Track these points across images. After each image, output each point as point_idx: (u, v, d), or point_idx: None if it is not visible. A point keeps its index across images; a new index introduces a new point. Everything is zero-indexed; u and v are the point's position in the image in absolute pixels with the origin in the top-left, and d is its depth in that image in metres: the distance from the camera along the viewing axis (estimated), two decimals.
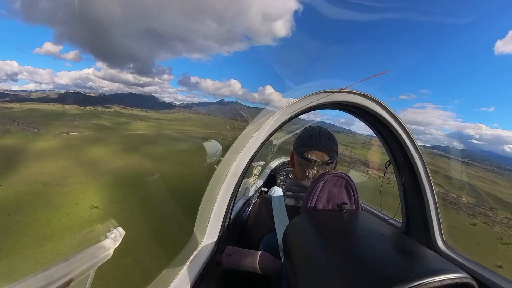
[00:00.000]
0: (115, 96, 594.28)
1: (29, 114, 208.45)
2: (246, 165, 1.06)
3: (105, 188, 57.70)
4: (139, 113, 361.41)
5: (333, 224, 0.90)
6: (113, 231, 0.51)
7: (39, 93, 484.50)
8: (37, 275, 0.35)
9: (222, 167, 1.08)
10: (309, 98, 1.08)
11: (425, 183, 1.29)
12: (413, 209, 1.40)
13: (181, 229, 17.80)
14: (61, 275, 0.38)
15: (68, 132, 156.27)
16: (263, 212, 1.33)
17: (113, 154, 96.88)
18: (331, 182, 1.08)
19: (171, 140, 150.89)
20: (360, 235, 0.78)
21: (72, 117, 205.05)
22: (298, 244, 0.82)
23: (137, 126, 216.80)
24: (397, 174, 1.45)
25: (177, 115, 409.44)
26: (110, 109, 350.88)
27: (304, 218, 0.98)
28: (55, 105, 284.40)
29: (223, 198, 1.02)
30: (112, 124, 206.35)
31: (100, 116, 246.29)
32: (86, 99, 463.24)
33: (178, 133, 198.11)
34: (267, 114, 1.12)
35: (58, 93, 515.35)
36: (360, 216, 0.96)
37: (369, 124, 1.39)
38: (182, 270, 0.81)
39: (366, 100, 1.17)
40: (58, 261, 0.39)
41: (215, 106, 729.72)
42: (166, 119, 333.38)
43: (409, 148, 1.27)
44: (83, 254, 0.43)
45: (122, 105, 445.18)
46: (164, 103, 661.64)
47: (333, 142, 1.28)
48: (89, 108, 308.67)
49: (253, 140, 1.05)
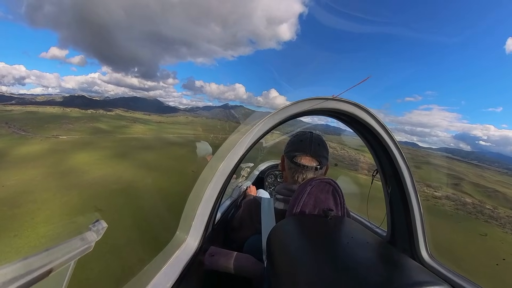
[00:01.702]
0: (120, 99, 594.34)
1: (26, 117, 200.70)
2: (234, 166, 1.05)
3: (65, 207, 44.03)
4: (141, 116, 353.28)
5: (318, 230, 0.90)
6: (96, 224, 0.50)
7: (44, 97, 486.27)
8: (16, 263, 0.35)
9: (210, 167, 1.08)
10: (300, 104, 1.09)
11: (411, 193, 1.30)
12: (399, 219, 1.41)
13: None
14: (41, 265, 0.38)
15: (57, 135, 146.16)
16: (252, 213, 1.32)
17: (96, 161, 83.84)
18: (319, 188, 1.07)
19: (166, 144, 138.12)
20: (344, 242, 0.78)
21: (68, 120, 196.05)
22: (282, 248, 0.81)
23: (136, 130, 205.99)
24: (384, 184, 1.45)
25: (180, 118, 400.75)
26: (112, 112, 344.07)
27: (289, 223, 0.98)
28: (55, 108, 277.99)
29: (209, 197, 1.01)
30: (110, 127, 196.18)
31: (99, 119, 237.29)
32: (90, 102, 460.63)
33: (176, 136, 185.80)
34: (259, 117, 1.12)
35: (63, 96, 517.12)
36: (345, 223, 0.95)
37: (358, 133, 1.39)
38: (163, 269, 0.80)
39: (356, 109, 1.17)
40: (38, 250, 0.38)
41: (219, 110, 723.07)
42: (168, 122, 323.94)
43: (396, 158, 1.28)
44: (64, 245, 0.43)
45: (126, 108, 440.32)
46: (168, 107, 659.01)
47: (323, 147, 1.28)
48: (90, 111, 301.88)
49: (242, 142, 1.05)
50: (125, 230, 31.61)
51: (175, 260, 0.86)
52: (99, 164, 79.89)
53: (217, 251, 1.08)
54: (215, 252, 1.07)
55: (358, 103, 1.16)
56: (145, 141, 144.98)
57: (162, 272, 0.78)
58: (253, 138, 1.07)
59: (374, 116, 1.20)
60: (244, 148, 1.06)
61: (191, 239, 0.98)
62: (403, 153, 1.28)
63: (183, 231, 0.99)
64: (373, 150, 1.41)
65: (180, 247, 0.93)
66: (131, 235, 30.80)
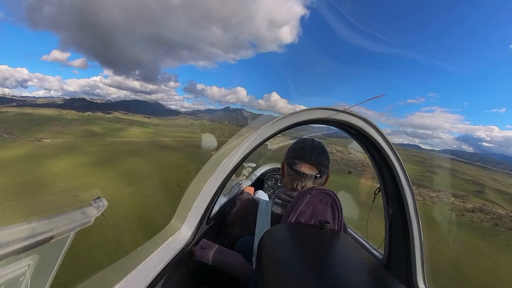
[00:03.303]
0: (121, 102, 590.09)
1: (18, 119, 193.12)
2: (237, 164, 1.06)
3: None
4: (140, 119, 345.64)
5: (312, 241, 0.88)
6: (97, 201, 0.52)
7: (46, 99, 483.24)
8: (20, 225, 0.36)
9: (212, 162, 1.10)
10: (311, 112, 1.09)
11: (412, 217, 1.23)
12: (397, 243, 1.33)
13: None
14: (43, 231, 0.39)
15: (41, 139, 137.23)
16: (248, 212, 1.32)
17: (69, 170, 73.32)
18: (318, 198, 1.06)
19: (157, 148, 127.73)
20: (337, 259, 0.75)
21: (60, 122, 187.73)
22: (273, 254, 0.80)
23: (130, 133, 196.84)
24: (385, 204, 1.39)
25: (180, 121, 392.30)
26: (110, 115, 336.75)
27: (284, 228, 0.97)
28: (51, 110, 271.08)
29: (208, 191, 1.02)
30: (103, 130, 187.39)
31: (95, 121, 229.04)
32: (90, 105, 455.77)
33: (172, 140, 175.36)
34: (268, 119, 1.13)
35: (63, 99, 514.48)
36: (341, 238, 0.93)
37: (365, 148, 1.37)
38: (155, 252, 0.82)
39: (365, 124, 1.17)
40: (41, 217, 0.40)
41: (220, 113, 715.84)
42: (166, 125, 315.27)
43: (400, 179, 1.24)
44: (66, 216, 0.45)
45: (126, 111, 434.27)
46: (170, 110, 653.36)
47: (324, 156, 1.26)
48: (87, 114, 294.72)
49: (248, 141, 1.06)
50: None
51: (167, 247, 0.89)
52: (71, 173, 69.71)
53: (209, 244, 1.08)
54: (206, 245, 1.07)
55: (368, 118, 1.15)
56: (135, 145, 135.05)
57: (154, 255, 0.81)
58: (259, 139, 1.07)
59: (381, 133, 1.19)
60: (249, 147, 1.06)
61: (185, 229, 0.99)
62: (408, 174, 1.25)
63: (178, 220, 1.01)
64: (377, 167, 1.37)
65: (173, 235, 0.94)
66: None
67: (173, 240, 0.93)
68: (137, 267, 0.72)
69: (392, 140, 1.23)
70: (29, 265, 0.41)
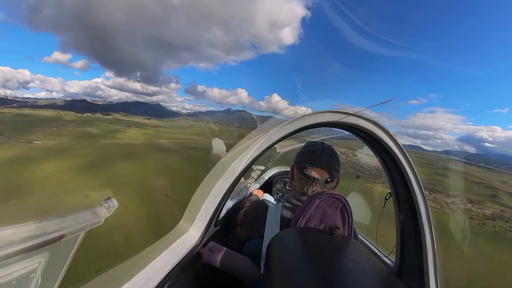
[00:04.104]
0: (122, 104, 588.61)
1: (14, 120, 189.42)
2: (246, 167, 1.05)
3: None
4: (140, 120, 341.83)
5: (321, 247, 0.86)
6: (107, 201, 0.53)
7: (47, 101, 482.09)
8: (33, 223, 0.38)
9: (222, 164, 1.09)
10: (321, 115, 1.08)
11: (424, 224, 1.19)
12: (409, 251, 1.29)
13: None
14: (54, 229, 0.40)
15: (33, 140, 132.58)
16: (257, 215, 1.30)
17: (54, 174, 68.15)
18: (327, 203, 1.05)
19: (152, 151, 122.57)
20: (347, 266, 0.74)
21: (56, 124, 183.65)
22: (282, 258, 0.79)
23: (127, 134, 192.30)
24: (397, 210, 1.35)
25: (180, 122, 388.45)
26: (110, 116, 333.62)
27: (293, 233, 0.95)
28: (49, 111, 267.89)
29: (217, 193, 1.01)
30: (101, 131, 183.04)
31: (93, 123, 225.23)
32: (91, 106, 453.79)
33: (169, 142, 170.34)
34: (277, 122, 1.13)
35: (65, 100, 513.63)
36: (351, 244, 0.90)
37: (375, 152, 1.35)
38: (163, 253, 0.82)
39: (375, 127, 1.15)
40: (53, 216, 0.41)
41: (221, 115, 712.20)
42: (166, 126, 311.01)
43: (412, 184, 1.21)
44: (77, 216, 0.46)
45: (127, 112, 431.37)
46: (171, 112, 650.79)
47: (335, 160, 1.24)
48: (86, 115, 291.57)
49: (258, 144, 1.05)
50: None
51: (176, 248, 0.88)
52: (55, 177, 64.64)
53: (217, 247, 1.07)
54: (214, 248, 1.07)
55: (378, 122, 1.14)
56: (130, 148, 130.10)
57: (162, 256, 0.81)
58: (268, 141, 1.07)
59: (392, 137, 1.18)
60: (258, 150, 1.06)
61: (193, 231, 0.99)
62: (420, 179, 1.22)
63: (187, 221, 1.01)
64: (388, 171, 1.34)
65: (182, 236, 0.94)
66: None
67: (181, 242, 0.93)
68: (145, 268, 0.73)
69: None
70: (40, 263, 0.42)
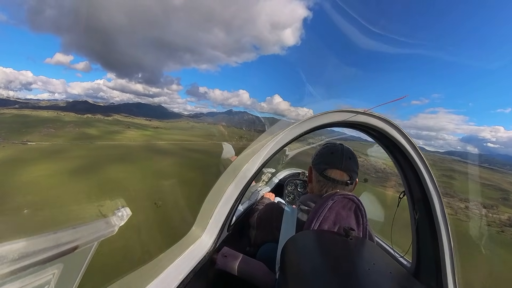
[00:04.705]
0: (123, 105, 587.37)
1: (11, 120, 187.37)
2: (257, 170, 1.04)
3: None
4: (140, 121, 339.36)
5: (337, 249, 0.84)
6: (120, 210, 0.53)
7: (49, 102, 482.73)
8: (47, 235, 0.38)
9: (233, 168, 1.08)
10: (330, 115, 1.06)
11: (440, 223, 1.18)
12: (426, 251, 1.27)
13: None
14: (68, 240, 0.40)
15: (27, 141, 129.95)
16: (273, 218, 1.27)
17: (40, 177, 64.58)
18: (341, 204, 1.03)
19: (149, 153, 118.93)
20: (364, 268, 0.72)
21: (53, 125, 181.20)
22: (297, 262, 0.77)
23: (126, 136, 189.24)
24: (411, 209, 1.34)
25: (181, 124, 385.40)
26: (110, 117, 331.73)
27: (307, 236, 0.94)
28: (49, 112, 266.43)
29: (229, 198, 1.00)
30: (99, 132, 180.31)
31: (92, 124, 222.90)
32: (92, 107, 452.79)
33: (168, 143, 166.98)
34: (285, 125, 1.13)
35: (66, 101, 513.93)
36: (367, 246, 0.89)
37: (387, 150, 1.34)
38: (177, 260, 0.81)
39: (386, 125, 1.13)
40: (67, 227, 0.42)
41: (223, 116, 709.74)
42: (166, 127, 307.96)
43: (426, 182, 1.19)
44: (90, 226, 0.46)
45: (128, 114, 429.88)
46: (172, 113, 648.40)
47: (354, 161, 1.22)
48: (86, 116, 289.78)
49: (268, 147, 1.04)
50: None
51: (189, 255, 0.87)
52: (41, 181, 61.20)
53: (230, 252, 1.06)
54: (228, 254, 1.05)
55: (389, 119, 1.12)
56: (126, 149, 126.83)
57: (176, 263, 0.80)
58: (278, 144, 1.06)
59: (405, 134, 1.15)
60: (268, 153, 1.05)
61: (206, 237, 0.98)
62: (434, 176, 1.20)
63: (199, 227, 0.99)
64: (401, 170, 1.32)
65: (195, 242, 0.93)
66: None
67: (195, 248, 0.91)
68: (159, 276, 0.72)
69: None
70: (53, 274, 0.42)
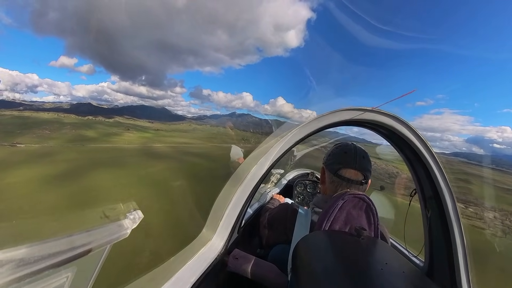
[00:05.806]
0: (127, 108, 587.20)
1: (9, 122, 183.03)
2: (266, 171, 1.04)
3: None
4: (142, 123, 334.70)
5: (349, 250, 0.83)
6: (133, 213, 0.53)
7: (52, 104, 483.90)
8: (62, 238, 0.38)
9: (242, 169, 1.07)
10: (338, 114, 1.05)
11: (453, 220, 1.17)
12: (438, 249, 1.26)
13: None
14: (82, 243, 0.41)
15: (16, 143, 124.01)
16: (287, 218, 1.25)
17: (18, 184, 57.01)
18: (351, 203, 1.01)
19: (144, 157, 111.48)
20: (377, 268, 0.71)
21: (49, 126, 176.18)
22: (309, 264, 0.77)
23: (124, 138, 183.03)
24: (423, 207, 1.32)
25: (183, 126, 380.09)
26: (111, 119, 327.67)
27: (319, 236, 0.93)
28: (49, 114, 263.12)
29: (238, 199, 1.00)
30: (96, 134, 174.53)
31: (91, 126, 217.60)
32: (95, 110, 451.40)
33: (167, 146, 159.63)
34: (293, 125, 1.12)
35: (70, 104, 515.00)
36: (379, 245, 0.88)
37: (397, 148, 1.32)
38: (188, 263, 0.81)
39: (395, 122, 1.12)
40: (81, 230, 0.42)
41: (226, 118, 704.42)
42: (167, 130, 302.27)
43: (438, 179, 1.17)
44: (104, 229, 0.46)
45: (131, 116, 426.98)
46: (175, 115, 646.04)
47: (368, 161, 1.21)
48: (87, 118, 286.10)
49: (276, 148, 1.04)
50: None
51: (200, 257, 0.87)
52: (19, 188, 54.02)
53: (241, 254, 1.05)
54: (239, 256, 1.04)
55: (399, 116, 1.10)
56: (121, 153, 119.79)
57: (187, 266, 0.79)
58: (287, 144, 1.06)
59: (414, 131, 1.14)
60: (277, 153, 1.04)
61: (217, 239, 0.97)
62: (446, 174, 1.18)
63: (210, 229, 0.99)
64: (412, 167, 1.31)
65: (206, 245, 0.93)
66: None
67: (206, 250, 0.91)
68: (171, 279, 0.72)
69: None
70: (67, 277, 0.42)
